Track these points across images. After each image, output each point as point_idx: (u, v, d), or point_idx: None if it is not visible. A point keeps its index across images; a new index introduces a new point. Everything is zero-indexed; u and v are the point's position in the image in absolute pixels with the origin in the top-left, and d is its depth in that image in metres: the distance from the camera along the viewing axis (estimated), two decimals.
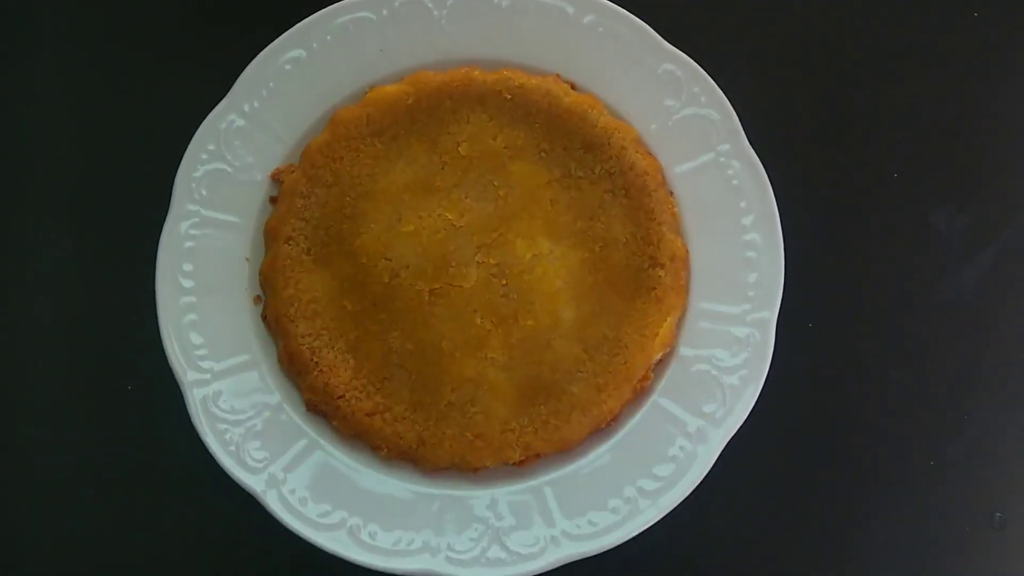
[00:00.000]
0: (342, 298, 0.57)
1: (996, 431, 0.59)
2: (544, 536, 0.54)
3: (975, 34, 0.63)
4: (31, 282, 0.60)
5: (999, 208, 0.61)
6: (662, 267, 0.56)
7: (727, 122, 0.57)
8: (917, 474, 0.58)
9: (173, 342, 0.55)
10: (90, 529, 0.57)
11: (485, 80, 0.58)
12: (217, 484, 0.54)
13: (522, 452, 0.55)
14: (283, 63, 0.58)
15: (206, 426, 0.54)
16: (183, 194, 0.57)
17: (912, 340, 0.60)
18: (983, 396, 0.59)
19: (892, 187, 0.61)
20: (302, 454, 0.55)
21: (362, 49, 0.59)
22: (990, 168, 0.62)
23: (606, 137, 0.58)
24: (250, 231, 0.58)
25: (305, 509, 0.54)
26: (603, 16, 0.59)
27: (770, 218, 0.56)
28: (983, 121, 0.62)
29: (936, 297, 0.60)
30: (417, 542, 0.54)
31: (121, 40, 0.63)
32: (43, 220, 0.61)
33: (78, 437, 0.58)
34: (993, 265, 0.60)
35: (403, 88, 0.58)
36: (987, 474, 0.58)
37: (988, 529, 0.58)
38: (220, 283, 0.57)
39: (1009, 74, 0.63)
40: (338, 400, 0.55)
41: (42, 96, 0.63)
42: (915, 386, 0.59)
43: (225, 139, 0.58)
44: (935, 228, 0.61)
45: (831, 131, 0.62)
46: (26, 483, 0.58)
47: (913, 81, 0.63)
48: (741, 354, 0.55)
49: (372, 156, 0.58)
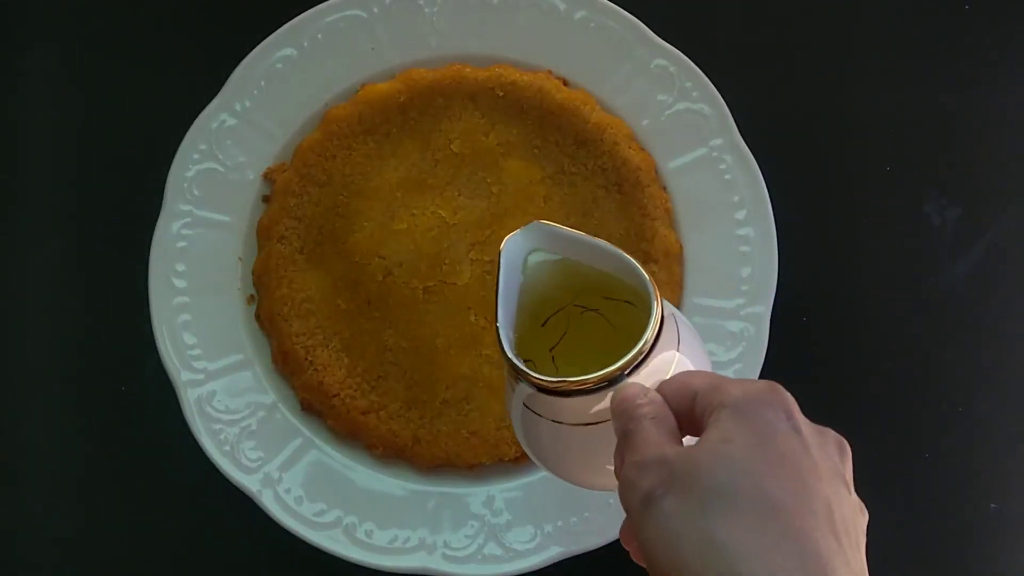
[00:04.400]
0: (336, 297, 0.57)
1: (990, 423, 0.59)
2: (541, 532, 0.54)
3: (966, 27, 0.63)
4: (24, 282, 0.60)
5: (991, 201, 0.61)
6: (656, 262, 0.56)
7: (719, 117, 0.57)
8: (911, 467, 0.58)
9: (167, 342, 0.55)
10: (85, 530, 0.57)
11: (477, 77, 0.58)
12: (212, 484, 0.54)
13: (517, 449, 0.55)
14: (274, 62, 0.58)
15: (200, 426, 0.54)
16: (175, 194, 0.57)
17: (906, 333, 0.60)
18: (977, 388, 0.59)
19: (885, 180, 0.61)
20: (297, 453, 0.55)
21: (353, 47, 0.59)
22: (982, 161, 0.62)
23: (599, 133, 0.57)
24: (243, 230, 0.58)
25: (301, 508, 0.54)
26: (594, 12, 0.59)
27: (763, 212, 0.56)
28: (975, 113, 0.62)
29: (929, 289, 0.60)
30: (413, 540, 0.54)
31: (112, 40, 0.63)
32: (35, 221, 0.61)
33: (72, 438, 0.58)
34: (986, 257, 0.60)
35: (395, 86, 0.58)
36: (981, 466, 0.58)
37: (983, 521, 0.58)
38: (213, 283, 0.57)
39: (1001, 67, 0.63)
40: (332, 399, 0.55)
41: (33, 96, 0.62)
42: (909, 379, 0.59)
43: (217, 138, 0.57)
44: (928, 221, 0.61)
45: (823, 125, 0.62)
46: (20, 484, 0.58)
47: (905, 74, 0.63)
48: (735, 349, 0.55)
49: (364, 154, 0.58)
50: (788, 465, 0.35)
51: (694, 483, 0.34)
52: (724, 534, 0.33)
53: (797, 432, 0.36)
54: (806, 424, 0.37)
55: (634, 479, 0.36)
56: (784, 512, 0.33)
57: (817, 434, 0.37)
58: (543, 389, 0.40)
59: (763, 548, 0.33)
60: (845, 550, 0.34)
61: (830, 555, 0.33)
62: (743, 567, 0.32)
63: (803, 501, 0.34)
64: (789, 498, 0.34)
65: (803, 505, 0.34)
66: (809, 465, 0.35)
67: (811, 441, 0.36)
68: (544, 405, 0.41)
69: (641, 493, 0.35)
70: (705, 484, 0.34)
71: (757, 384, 0.37)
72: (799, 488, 0.34)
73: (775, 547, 0.33)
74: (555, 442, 0.42)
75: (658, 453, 0.36)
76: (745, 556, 0.32)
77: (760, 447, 0.35)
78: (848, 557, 0.34)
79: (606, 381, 0.38)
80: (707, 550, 0.33)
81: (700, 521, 0.33)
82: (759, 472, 0.34)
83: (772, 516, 0.33)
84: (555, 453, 0.43)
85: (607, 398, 0.39)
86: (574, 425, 0.40)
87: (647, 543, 0.35)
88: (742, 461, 0.34)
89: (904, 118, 0.62)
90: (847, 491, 0.36)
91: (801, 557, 0.33)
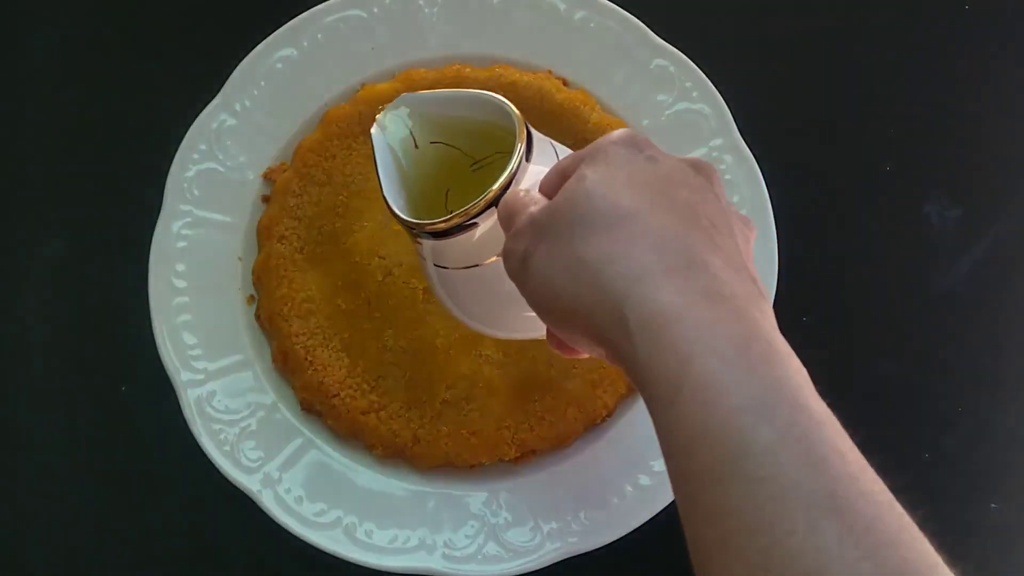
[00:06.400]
0: (335, 297, 0.57)
1: (990, 422, 0.59)
2: (541, 532, 0.54)
3: (967, 26, 0.63)
4: (24, 283, 0.60)
5: (992, 200, 0.61)
6: None
7: (719, 117, 0.57)
8: (912, 466, 0.58)
9: (167, 342, 0.55)
10: (85, 530, 0.57)
11: (477, 77, 0.58)
12: (212, 484, 0.54)
13: (517, 449, 0.55)
14: (274, 62, 0.58)
15: (200, 426, 0.54)
16: (175, 194, 0.57)
17: (906, 332, 0.60)
18: (977, 388, 0.59)
19: (885, 180, 0.61)
20: (297, 453, 0.55)
21: (353, 47, 0.59)
22: (983, 160, 0.62)
23: (599, 133, 0.57)
24: (243, 230, 0.58)
25: (301, 508, 0.54)
26: (594, 12, 0.59)
27: (763, 212, 0.56)
28: (976, 113, 0.62)
29: (930, 289, 0.60)
30: (413, 540, 0.54)
31: (112, 39, 0.63)
32: (35, 221, 0.61)
33: (72, 438, 0.58)
34: (986, 257, 0.60)
35: (395, 86, 0.58)
36: (982, 466, 0.58)
37: (983, 521, 0.58)
38: (213, 283, 0.57)
39: (1001, 66, 0.63)
40: (332, 399, 0.55)
41: (34, 96, 0.62)
42: (909, 378, 0.59)
43: (217, 138, 0.57)
44: (928, 220, 0.61)
45: (823, 124, 0.62)
46: (20, 484, 0.58)
47: (905, 73, 0.63)
48: None
49: (364, 154, 0.58)
50: (643, 183, 0.35)
51: (557, 225, 0.35)
52: (587, 251, 0.34)
53: (653, 160, 0.37)
54: (664, 154, 0.37)
55: (511, 248, 0.37)
56: (639, 215, 0.34)
57: (678, 160, 0.37)
58: (439, 233, 0.41)
59: (623, 248, 0.33)
60: (713, 238, 0.34)
61: (693, 241, 0.33)
62: (607, 274, 0.33)
63: (659, 203, 0.34)
64: (644, 204, 0.34)
65: (659, 206, 0.34)
66: (667, 180, 0.36)
67: (670, 163, 0.37)
68: (449, 255, 0.42)
69: (518, 258, 0.37)
70: (567, 219, 0.35)
71: (614, 132, 0.38)
72: (655, 196, 0.35)
73: (633, 245, 0.33)
74: (472, 291, 0.43)
75: (528, 218, 0.37)
76: (608, 260, 0.33)
77: (613, 175, 0.36)
78: (717, 243, 0.34)
79: (490, 203, 0.39)
80: (577, 271, 0.34)
81: (567, 251, 0.34)
82: (614, 192, 0.35)
83: (628, 222, 0.34)
84: (476, 302, 0.44)
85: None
86: (481, 266, 0.41)
87: (532, 297, 0.36)
88: (596, 188, 0.35)
89: (904, 118, 0.62)
90: (715, 199, 0.37)
91: (661, 247, 0.33)
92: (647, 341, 0.31)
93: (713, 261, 0.33)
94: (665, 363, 0.31)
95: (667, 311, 0.32)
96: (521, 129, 0.40)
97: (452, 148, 0.46)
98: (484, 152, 0.46)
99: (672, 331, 0.31)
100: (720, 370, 0.30)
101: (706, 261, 0.33)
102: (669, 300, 0.32)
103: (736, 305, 0.32)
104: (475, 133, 0.45)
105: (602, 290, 0.33)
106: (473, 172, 0.46)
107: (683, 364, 0.30)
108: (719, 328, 0.31)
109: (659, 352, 0.31)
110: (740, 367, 0.30)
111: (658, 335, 0.31)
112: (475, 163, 0.46)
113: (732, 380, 0.30)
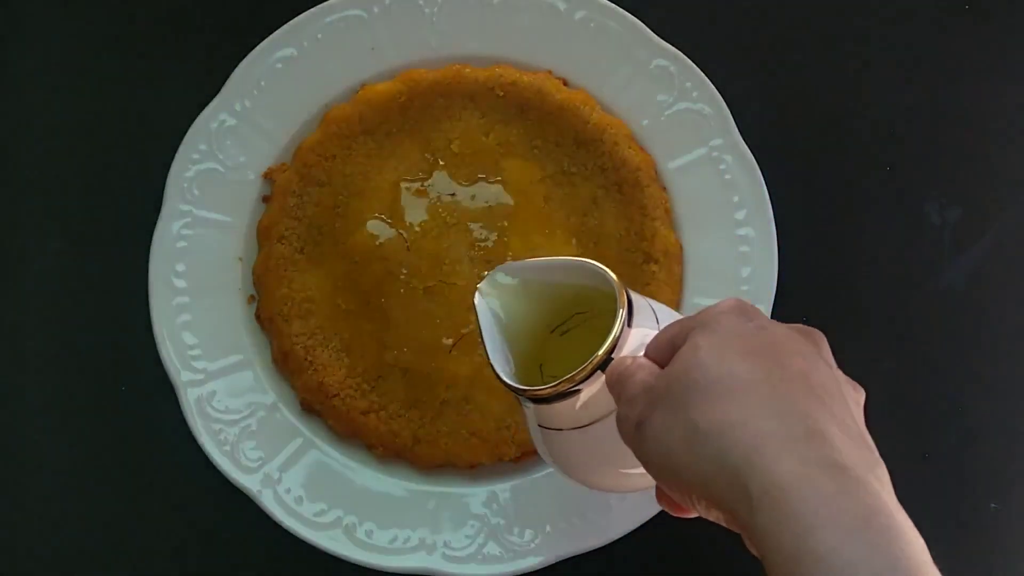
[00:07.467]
0: (336, 297, 0.57)
1: (989, 422, 0.59)
2: (541, 532, 0.54)
3: (967, 27, 0.63)
4: (23, 283, 0.60)
5: (992, 200, 0.61)
6: (656, 262, 0.56)
7: (719, 117, 0.57)
8: (911, 466, 0.58)
9: (167, 342, 0.55)
10: (84, 530, 0.57)
11: (477, 77, 0.58)
12: (212, 484, 0.54)
13: (517, 449, 0.55)
14: (274, 62, 0.58)
15: (200, 426, 0.54)
16: (175, 194, 0.57)
17: (906, 332, 0.60)
18: (976, 387, 0.59)
19: (885, 179, 0.61)
20: (297, 453, 0.55)
21: (353, 47, 0.59)
22: (983, 160, 0.62)
23: (599, 133, 0.57)
24: (243, 231, 0.58)
25: (301, 508, 0.54)
26: (594, 12, 0.59)
27: (763, 212, 0.56)
28: (975, 113, 0.62)
29: (930, 289, 0.60)
30: (413, 540, 0.54)
31: (111, 40, 0.63)
32: (35, 222, 0.61)
33: (72, 438, 0.58)
34: (985, 257, 0.60)
35: (395, 86, 0.58)
36: (981, 465, 0.58)
37: (983, 521, 0.58)
38: (213, 283, 0.57)
39: (1001, 67, 0.63)
40: (333, 399, 0.55)
41: (32, 96, 0.62)
42: (909, 379, 0.59)
43: (217, 138, 0.57)
44: (928, 220, 0.61)
45: (824, 124, 0.62)
46: (20, 484, 0.58)
47: (905, 74, 0.63)
48: None
49: (364, 154, 0.58)
50: (756, 351, 0.36)
51: (673, 393, 0.36)
52: (704, 420, 0.34)
53: (763, 329, 0.37)
54: (773, 323, 0.38)
55: (625, 414, 0.38)
56: (757, 385, 0.34)
57: (787, 328, 0.38)
58: (541, 398, 0.41)
59: (741, 416, 0.34)
60: (830, 407, 0.34)
61: (810, 410, 0.34)
62: (725, 442, 0.33)
63: (775, 374, 0.35)
64: (759, 373, 0.35)
65: (775, 377, 0.35)
66: (779, 349, 0.36)
67: (779, 332, 0.37)
68: (553, 417, 0.42)
69: (632, 423, 0.37)
70: (683, 387, 0.35)
71: (723, 301, 0.39)
72: (771, 365, 0.35)
73: (753, 416, 0.33)
74: (577, 451, 0.43)
75: (641, 386, 0.37)
76: (727, 428, 0.33)
77: (726, 344, 0.36)
78: (834, 412, 0.34)
79: (596, 368, 0.39)
80: (693, 440, 0.34)
81: (683, 419, 0.35)
82: (728, 361, 0.35)
83: (745, 391, 0.34)
84: (582, 462, 0.44)
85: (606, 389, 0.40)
86: (587, 426, 0.41)
87: (649, 465, 0.37)
88: (711, 357, 0.35)
89: (904, 118, 0.62)
90: (827, 367, 0.37)
91: (780, 416, 0.33)
92: (767, 510, 0.32)
93: (831, 430, 0.33)
94: (785, 534, 0.31)
95: (788, 481, 0.32)
96: (621, 294, 0.40)
97: (548, 306, 0.46)
98: (561, 315, 0.47)
99: (793, 502, 0.31)
100: (840, 545, 0.30)
101: (824, 430, 0.33)
102: (790, 470, 0.32)
103: (856, 475, 0.32)
104: (550, 296, 0.46)
105: (720, 459, 0.33)
106: (553, 335, 0.47)
107: (803, 537, 0.31)
108: (840, 501, 0.31)
109: (779, 523, 0.31)
110: (861, 542, 0.30)
111: (778, 506, 0.31)
112: (555, 327, 0.47)
113: (853, 555, 0.30)
